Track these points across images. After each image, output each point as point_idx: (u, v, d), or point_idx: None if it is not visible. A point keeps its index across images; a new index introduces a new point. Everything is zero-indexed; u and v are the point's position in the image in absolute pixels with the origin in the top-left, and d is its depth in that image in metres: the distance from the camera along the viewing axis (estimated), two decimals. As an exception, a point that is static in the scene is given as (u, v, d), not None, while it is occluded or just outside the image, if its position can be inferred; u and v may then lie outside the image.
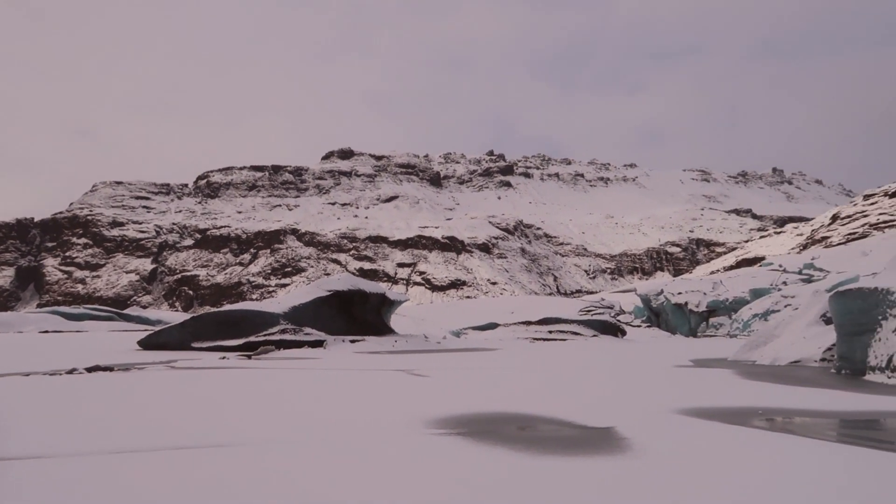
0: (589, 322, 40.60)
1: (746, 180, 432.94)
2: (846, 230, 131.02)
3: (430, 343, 32.01)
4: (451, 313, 65.56)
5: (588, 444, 6.48)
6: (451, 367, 17.79)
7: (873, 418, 8.77)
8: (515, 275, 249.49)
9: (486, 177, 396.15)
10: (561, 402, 9.84)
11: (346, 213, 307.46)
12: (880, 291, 14.61)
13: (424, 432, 7.17)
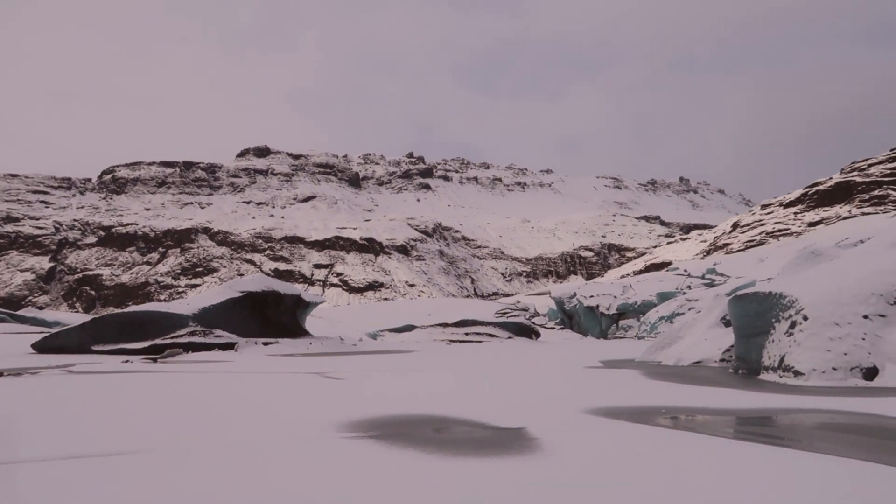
0: (504, 324, 41.19)
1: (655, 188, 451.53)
2: (745, 237, 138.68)
3: (346, 345, 31.64)
4: (368, 315, 65.07)
5: (500, 445, 6.53)
6: (367, 370, 17.62)
7: (766, 415, 9.26)
8: (433, 277, 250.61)
9: (406, 179, 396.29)
10: (474, 404, 9.90)
11: (262, 212, 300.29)
12: (774, 295, 15.50)
13: (336, 436, 7.04)
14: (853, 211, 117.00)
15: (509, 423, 7.90)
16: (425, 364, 20.49)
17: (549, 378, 15.07)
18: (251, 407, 9.73)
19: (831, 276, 15.39)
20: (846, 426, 8.20)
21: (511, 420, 8.08)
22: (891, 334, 13.18)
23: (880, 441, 7.06)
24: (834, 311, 13.81)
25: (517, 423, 7.78)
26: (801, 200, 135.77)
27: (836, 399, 10.53)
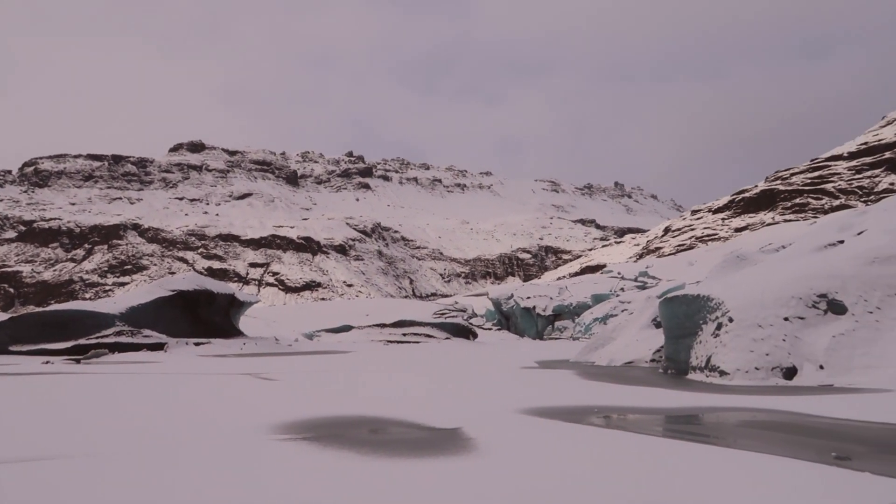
0: (442, 325, 41.29)
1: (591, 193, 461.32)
2: (676, 242, 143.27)
3: (281, 346, 31.09)
4: (304, 315, 64.13)
5: (435, 446, 6.52)
6: (302, 371, 17.36)
7: (693, 414, 9.56)
8: (372, 277, 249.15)
9: (345, 178, 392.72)
10: (411, 405, 9.87)
11: (195, 209, 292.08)
12: (702, 298, 16.04)
13: (269, 438, 6.89)
14: (776, 218, 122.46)
15: (445, 423, 7.90)
16: (362, 364, 20.33)
17: (485, 378, 15.17)
18: (179, 409, 9.43)
19: (755, 280, 16.03)
20: (767, 423, 8.53)
21: (447, 421, 8.08)
22: (809, 336, 13.82)
23: (798, 437, 7.38)
24: (757, 314, 14.38)
25: (453, 424, 7.79)
26: (728, 207, 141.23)
27: (758, 398, 10.96)
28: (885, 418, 8.40)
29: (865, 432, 7.64)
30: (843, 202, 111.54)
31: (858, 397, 10.78)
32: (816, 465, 5.62)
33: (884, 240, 15.39)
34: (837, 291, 14.34)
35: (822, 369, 13.13)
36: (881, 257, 14.77)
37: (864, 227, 16.85)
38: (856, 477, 5.16)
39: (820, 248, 17.17)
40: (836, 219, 19.70)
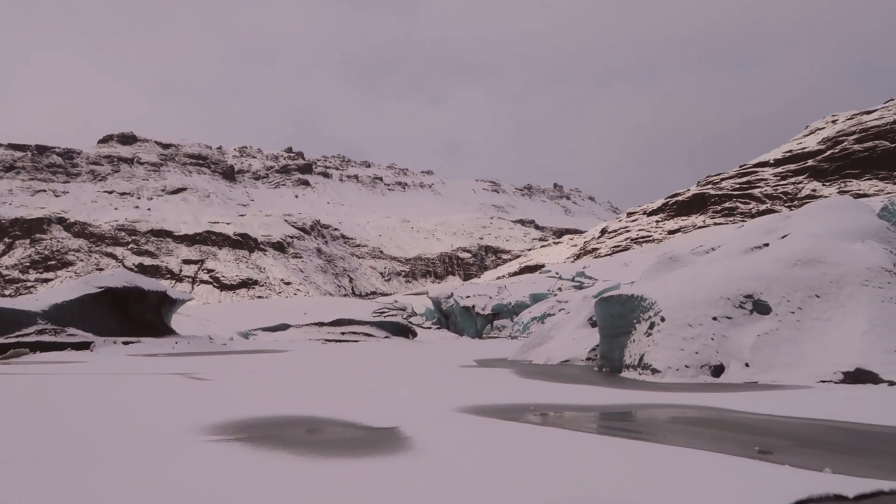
0: (381, 324, 41.10)
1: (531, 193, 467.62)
2: (612, 243, 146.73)
3: (216, 345, 30.35)
4: (240, 313, 62.76)
5: (372, 445, 6.47)
6: (237, 370, 16.99)
7: (626, 411, 9.79)
8: (311, 275, 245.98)
9: (284, 174, 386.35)
10: (348, 404, 9.78)
11: (126, 203, 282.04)
12: (636, 298, 16.46)
13: (200, 439, 6.70)
14: (707, 221, 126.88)
15: (383, 422, 7.86)
16: (299, 363, 20.04)
17: (424, 377, 15.17)
18: (104, 410, 9.08)
19: (686, 281, 16.55)
20: (695, 420, 8.82)
21: (384, 420, 8.03)
22: (735, 334, 14.35)
23: (724, 433, 7.65)
24: (688, 314, 14.85)
25: (390, 423, 7.75)
26: (662, 210, 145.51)
27: (687, 394, 11.31)
28: (804, 414, 8.80)
29: (786, 427, 7.98)
30: (769, 207, 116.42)
31: (780, 394, 11.26)
32: (741, 459, 5.83)
33: (806, 243, 16.12)
34: (762, 292, 14.94)
35: (747, 367, 13.66)
36: (803, 260, 15.46)
37: (788, 231, 17.61)
38: (776, 470, 5.38)
39: (747, 250, 17.86)
40: (763, 223, 20.54)
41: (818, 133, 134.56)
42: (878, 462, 6.02)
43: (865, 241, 15.62)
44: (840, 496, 4.57)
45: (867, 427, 7.85)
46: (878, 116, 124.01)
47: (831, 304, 14.41)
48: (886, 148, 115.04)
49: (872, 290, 14.04)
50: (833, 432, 7.66)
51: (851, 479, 4.92)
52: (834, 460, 5.80)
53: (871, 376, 12.33)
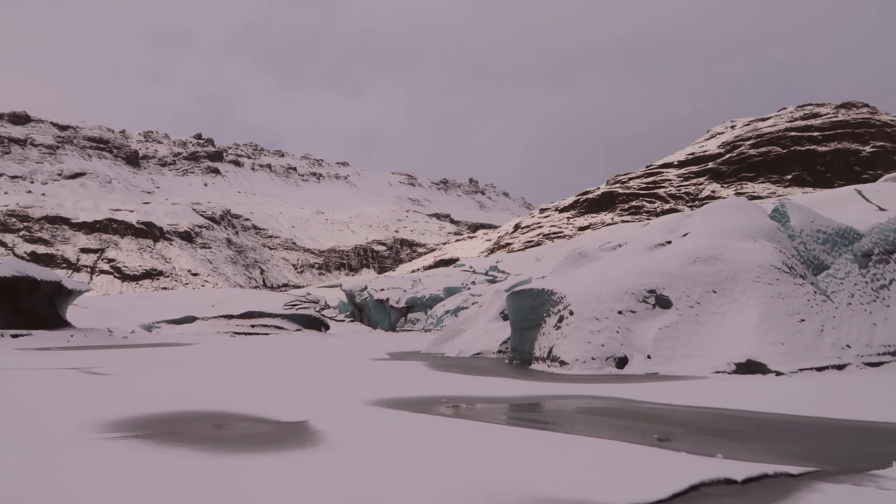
0: (293, 316, 40.37)
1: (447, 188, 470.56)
2: (525, 238, 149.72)
3: (116, 338, 28.95)
4: (143, 305, 60.03)
5: (280, 440, 6.34)
6: (138, 365, 16.26)
7: (535, 402, 10.03)
8: (219, 266, 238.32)
9: (193, 161, 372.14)
10: (256, 398, 9.54)
11: (17, 187, 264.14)
12: (546, 292, 16.86)
13: (95, 437, 6.36)
14: (615, 218, 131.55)
15: (292, 416, 7.71)
16: (206, 357, 19.40)
17: (335, 370, 15.01)
18: (-9, 408, 8.47)
19: (594, 276, 17.09)
20: (600, 410, 9.13)
21: (294, 414, 7.89)
22: (639, 328, 14.95)
23: (626, 422, 7.96)
24: (595, 307, 15.35)
25: (300, 417, 7.62)
26: (573, 207, 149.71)
27: (593, 385, 11.70)
28: (700, 403, 9.27)
29: (683, 416, 8.38)
30: (673, 206, 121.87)
31: (679, 384, 11.82)
32: (641, 447, 6.08)
33: (705, 242, 16.96)
34: (664, 287, 15.62)
35: (649, 359, 14.26)
36: (702, 257, 16.27)
37: (689, 230, 18.48)
38: (673, 456, 5.64)
39: (651, 247, 18.62)
40: (666, 221, 21.47)
41: (718, 137, 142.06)
42: (765, 447, 6.42)
43: (758, 240, 16.59)
44: (730, 480, 4.84)
45: (755, 415, 8.35)
46: (772, 124, 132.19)
47: (727, 300, 15.23)
48: (778, 153, 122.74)
49: (763, 287, 14.94)
50: (725, 420, 8.11)
51: (740, 464, 5.22)
52: (726, 446, 6.14)
53: (760, 367, 13.14)
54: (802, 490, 4.62)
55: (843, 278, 15.59)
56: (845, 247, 17.21)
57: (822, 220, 18.29)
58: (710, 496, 4.52)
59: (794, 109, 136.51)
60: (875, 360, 13.94)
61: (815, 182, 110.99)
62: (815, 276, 16.06)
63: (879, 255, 15.97)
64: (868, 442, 6.75)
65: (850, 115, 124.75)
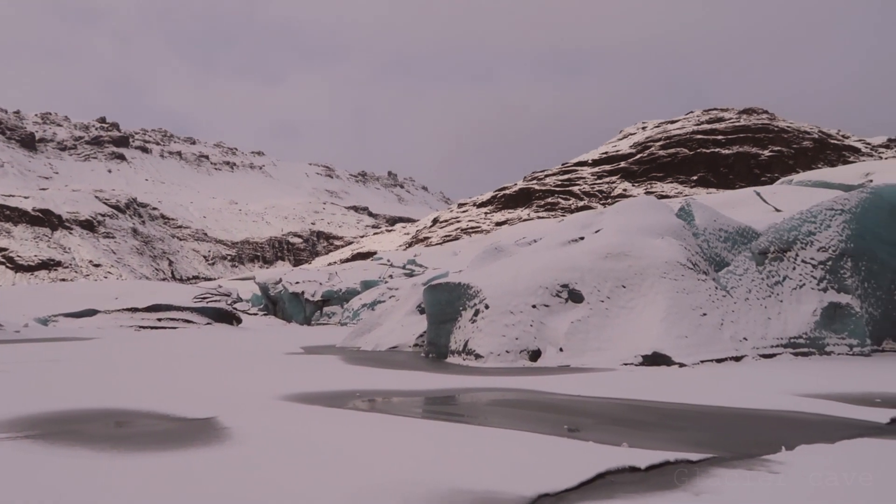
0: (203, 309, 39.05)
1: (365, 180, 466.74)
2: (443, 232, 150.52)
3: (6, 332, 27.16)
4: (39, 297, 56.48)
5: (186, 438, 6.10)
6: (29, 360, 15.32)
7: (450, 395, 10.09)
8: (124, 257, 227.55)
9: (96, 146, 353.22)
10: (161, 394, 9.16)
11: None
12: (462, 286, 17.00)
13: (-21, 438, 5.93)
14: (531, 214, 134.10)
15: (199, 413, 7.45)
16: (107, 352, 18.48)
17: (246, 365, 14.62)
18: None
19: (509, 271, 17.36)
20: (513, 402, 9.28)
21: (201, 410, 7.62)
22: (552, 321, 15.30)
23: (538, 413, 8.13)
24: (510, 301, 15.59)
25: (207, 413, 7.36)
26: (491, 202, 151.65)
27: (507, 378, 11.88)
28: (608, 394, 9.58)
29: (593, 406, 8.64)
30: (587, 203, 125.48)
31: (589, 376, 12.18)
32: (551, 437, 6.21)
33: (615, 238, 17.53)
34: (577, 282, 16.04)
35: (561, 352, 14.63)
36: (612, 253, 16.81)
37: (601, 227, 19.05)
38: (582, 446, 5.80)
39: (565, 243, 19.08)
40: (579, 218, 22.07)
41: (630, 138, 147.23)
42: (668, 435, 6.70)
43: (665, 237, 17.29)
44: (634, 467, 5.02)
45: (660, 404, 8.71)
46: (680, 126, 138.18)
47: (635, 294, 15.81)
48: (686, 155, 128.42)
49: (669, 282, 15.59)
50: (632, 410, 8.41)
51: (644, 452, 5.42)
52: (631, 435, 6.36)
53: (665, 359, 13.71)
54: (700, 475, 4.84)
55: (742, 275, 16.47)
56: (744, 245, 18.20)
57: (723, 220, 19.27)
58: (615, 483, 4.66)
59: (700, 113, 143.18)
60: (769, 353, 14.81)
61: (718, 183, 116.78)
62: (717, 272, 16.90)
63: (775, 253, 16.96)
64: (761, 429, 7.15)
65: (752, 121, 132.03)
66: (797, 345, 15.39)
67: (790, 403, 8.51)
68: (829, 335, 15.89)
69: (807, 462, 5.24)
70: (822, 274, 16.70)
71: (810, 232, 17.15)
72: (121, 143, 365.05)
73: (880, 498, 4.28)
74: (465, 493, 4.25)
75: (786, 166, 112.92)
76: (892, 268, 17.50)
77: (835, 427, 6.94)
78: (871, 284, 17.23)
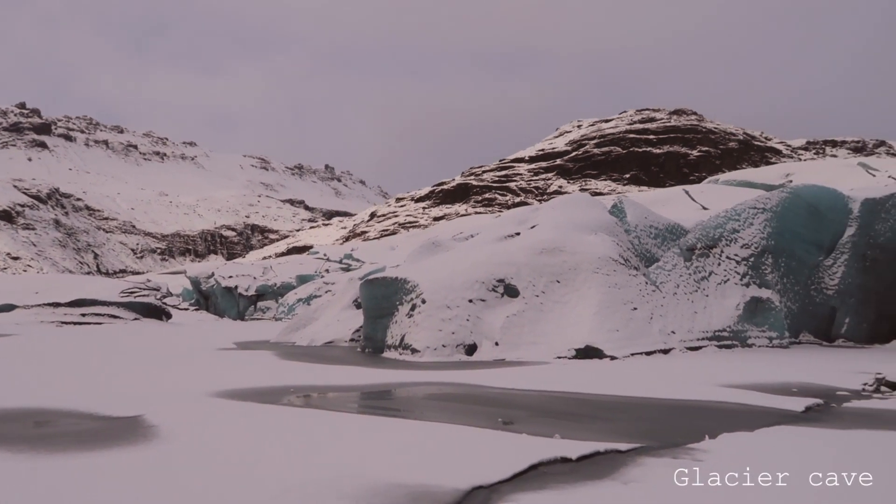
0: (131, 304, 37.68)
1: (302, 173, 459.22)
2: (381, 227, 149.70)
3: (-84, 328, 25.56)
4: (-49, 292, 53.43)
5: (110, 437, 5.89)
6: (-58, 358, 14.46)
7: (386, 389, 10.07)
8: (46, 250, 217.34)
9: (14, 133, 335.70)
10: (85, 392, 8.80)
11: None
12: (399, 281, 16.98)
13: None
14: (469, 209, 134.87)
15: (125, 411, 7.20)
16: (25, 349, 17.63)
17: (176, 361, 14.21)
18: None
19: (446, 265, 17.43)
20: (449, 396, 9.34)
21: (128, 408, 7.36)
22: (488, 316, 15.46)
23: (474, 406, 8.20)
24: (447, 296, 15.66)
25: (134, 412, 7.12)
26: (429, 197, 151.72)
27: (443, 372, 11.94)
28: (541, 387, 9.75)
29: (526, 399, 8.78)
30: (523, 199, 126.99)
31: (523, 369, 12.36)
32: (486, 430, 6.28)
33: (550, 234, 17.83)
34: (513, 277, 16.25)
35: (497, 346, 14.80)
36: (547, 249, 17.09)
37: (537, 222, 19.34)
38: (515, 438, 5.89)
39: (501, 238, 19.28)
40: (516, 214, 22.35)
41: (566, 135, 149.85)
42: (599, 426, 6.88)
43: (598, 233, 17.70)
44: (566, 458, 5.14)
45: (592, 397, 8.92)
46: (614, 125, 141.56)
47: (569, 289, 16.13)
48: (619, 153, 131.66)
49: (602, 277, 15.97)
50: (564, 402, 8.60)
51: (576, 443, 5.54)
52: (563, 427, 6.50)
53: (597, 352, 14.05)
54: (629, 465, 5.00)
55: (671, 270, 17.03)
56: (673, 241, 18.81)
57: (654, 217, 19.85)
58: (547, 474, 4.76)
59: (633, 113, 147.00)
60: (695, 345, 15.38)
61: (649, 181, 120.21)
62: (647, 267, 17.41)
63: (701, 249, 17.60)
64: (686, 419, 7.43)
65: (681, 122, 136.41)
66: (721, 337, 16.04)
67: (714, 394, 8.86)
68: (751, 328, 16.63)
69: (728, 449, 5.47)
70: (744, 270, 17.43)
71: (734, 229, 17.87)
72: (42, 130, 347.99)
73: (794, 483, 4.51)
74: (399, 488, 4.25)
75: (713, 166, 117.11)
76: (809, 264, 18.44)
77: (754, 416, 7.27)
78: (790, 280, 18.11)
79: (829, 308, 18.37)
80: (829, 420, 7.14)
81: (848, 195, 18.96)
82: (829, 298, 18.33)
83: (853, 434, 6.32)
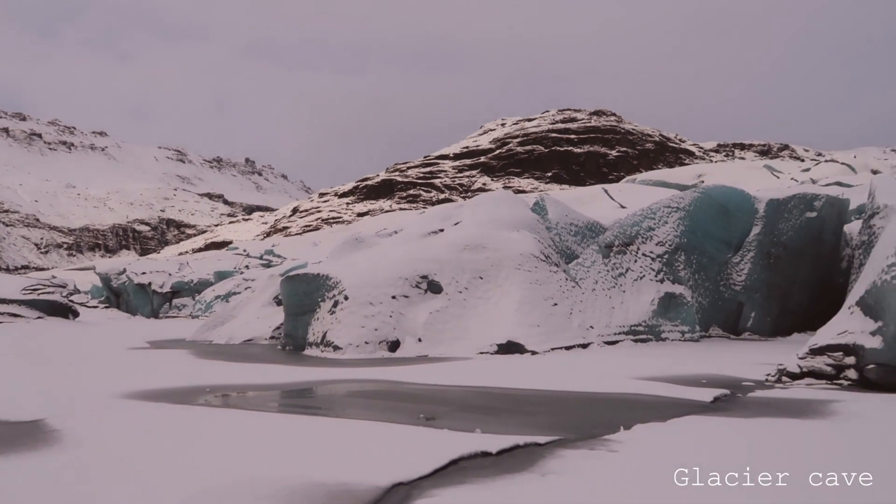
0: (34, 302, 35.61)
1: (221, 166, 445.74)
2: (303, 222, 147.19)
3: None
4: None
5: (9, 442, 5.54)
6: None
7: (307, 387, 9.89)
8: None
9: None
10: (-20, 396, 8.23)
11: None
12: (321, 277, 16.73)
13: None
14: (394, 205, 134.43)
15: (25, 415, 6.78)
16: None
17: (84, 361, 13.52)
18: None
19: (369, 262, 17.30)
20: (371, 392, 9.27)
21: (28, 412, 6.95)
22: (411, 312, 15.44)
23: (396, 403, 8.17)
24: (370, 293, 15.54)
25: (36, 415, 6.72)
26: (353, 192, 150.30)
27: (366, 369, 11.84)
28: (464, 382, 9.81)
29: (448, 395, 8.81)
30: (448, 196, 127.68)
31: (446, 365, 12.41)
32: (408, 427, 6.26)
33: (474, 231, 17.97)
34: (436, 273, 16.29)
35: (420, 342, 14.80)
36: (471, 245, 17.22)
37: (460, 219, 19.45)
38: (437, 434, 5.89)
39: (425, 235, 19.30)
40: (440, 210, 22.43)
41: (490, 133, 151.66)
42: (519, 420, 6.97)
43: (520, 230, 17.96)
44: (486, 452, 5.18)
45: (512, 391, 9.04)
46: (537, 124, 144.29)
47: (492, 285, 16.30)
48: (542, 152, 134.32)
49: (524, 273, 16.22)
50: (485, 397, 8.68)
51: (496, 437, 5.60)
52: (484, 421, 6.55)
53: (518, 347, 14.26)
54: (547, 457, 5.08)
55: (590, 266, 17.47)
56: (592, 238, 19.32)
57: (574, 215, 20.33)
58: (467, 469, 4.78)
59: (555, 113, 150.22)
60: (613, 339, 15.85)
61: (570, 180, 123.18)
62: (567, 264, 17.81)
63: (619, 246, 18.14)
64: (603, 411, 7.63)
65: (601, 122, 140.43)
66: (637, 332, 16.60)
67: (629, 386, 9.15)
68: (665, 323, 17.28)
69: (641, 440, 5.65)
70: (659, 266, 18.09)
71: (650, 227, 18.51)
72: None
73: (706, 466, 4.69)
74: (318, 487, 4.18)
75: (630, 166, 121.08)
76: (719, 261, 19.32)
77: (667, 407, 7.55)
78: (701, 276, 18.92)
79: (737, 303, 19.31)
80: (735, 409, 7.48)
81: (754, 196, 19.96)
82: (736, 294, 19.25)
83: (756, 422, 6.65)
